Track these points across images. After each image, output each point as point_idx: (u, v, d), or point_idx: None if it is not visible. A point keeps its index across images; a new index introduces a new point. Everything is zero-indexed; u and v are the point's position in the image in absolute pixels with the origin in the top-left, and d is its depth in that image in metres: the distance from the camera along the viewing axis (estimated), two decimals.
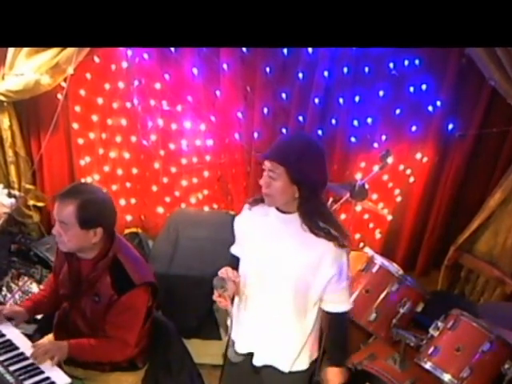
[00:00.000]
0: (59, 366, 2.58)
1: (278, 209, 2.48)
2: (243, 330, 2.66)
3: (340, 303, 2.58)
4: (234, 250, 2.77)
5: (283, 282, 2.47)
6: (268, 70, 4.14)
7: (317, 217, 2.40)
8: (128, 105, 4.41)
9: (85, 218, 2.54)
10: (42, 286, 3.13)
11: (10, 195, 4.33)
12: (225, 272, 2.51)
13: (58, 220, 2.59)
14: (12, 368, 2.50)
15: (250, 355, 2.70)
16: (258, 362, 2.68)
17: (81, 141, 4.51)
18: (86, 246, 2.64)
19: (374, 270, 3.44)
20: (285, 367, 2.64)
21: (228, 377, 2.74)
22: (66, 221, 2.55)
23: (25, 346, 2.65)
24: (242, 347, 2.71)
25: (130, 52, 4.22)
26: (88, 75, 4.30)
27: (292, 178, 2.33)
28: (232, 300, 2.51)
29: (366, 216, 4.55)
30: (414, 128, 4.25)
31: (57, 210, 2.57)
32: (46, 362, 2.53)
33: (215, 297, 2.44)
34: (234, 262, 2.67)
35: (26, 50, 3.92)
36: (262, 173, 2.41)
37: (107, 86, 4.34)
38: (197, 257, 3.90)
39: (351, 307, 2.65)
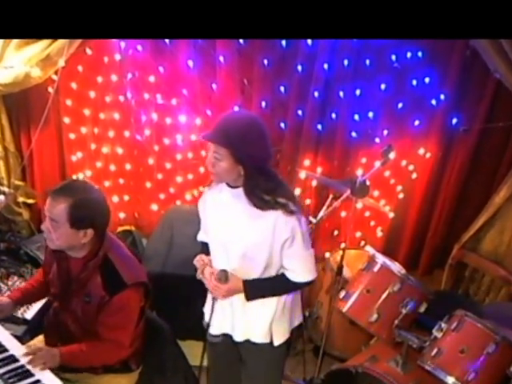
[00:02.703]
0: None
1: (228, 184, 2.64)
2: (218, 312, 2.78)
3: (299, 272, 2.69)
4: (200, 237, 2.96)
5: (245, 255, 2.62)
6: (266, 62, 4.13)
7: (260, 191, 2.54)
8: (121, 98, 4.40)
9: (76, 218, 2.54)
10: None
11: None
12: (200, 260, 2.76)
13: (48, 216, 2.58)
14: (1, 370, 2.50)
15: (226, 335, 2.86)
16: (238, 337, 2.83)
17: (72, 136, 4.50)
18: (75, 245, 2.63)
19: (376, 269, 3.43)
20: (260, 339, 2.78)
21: (209, 358, 3.01)
22: (57, 219, 2.54)
23: (14, 347, 2.65)
24: (215, 329, 2.86)
25: (123, 44, 4.21)
26: (80, 68, 4.28)
27: (236, 159, 2.47)
28: None
29: (367, 213, 4.55)
30: (416, 122, 4.24)
31: (48, 207, 2.56)
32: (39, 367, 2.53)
33: (214, 288, 2.66)
34: (205, 249, 2.86)
35: (15, 41, 3.90)
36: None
37: (100, 79, 4.33)
38: (192, 256, 3.87)
39: (312, 278, 2.74)
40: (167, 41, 4.18)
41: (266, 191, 2.53)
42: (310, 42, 4.03)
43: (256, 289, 2.67)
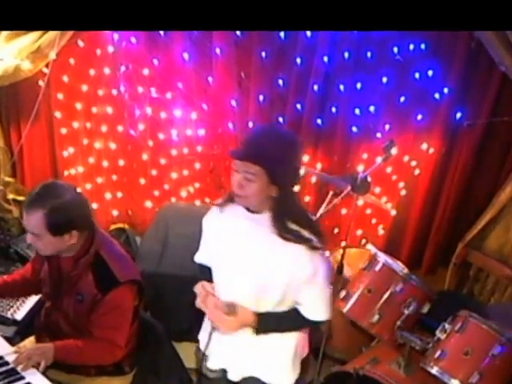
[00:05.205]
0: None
1: (247, 208, 2.46)
2: (215, 344, 2.62)
3: (315, 310, 2.55)
4: (200, 258, 2.78)
5: (258, 288, 2.45)
6: (264, 54, 4.12)
7: (289, 218, 2.38)
8: (114, 92, 4.39)
9: (55, 225, 2.53)
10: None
11: None
12: (202, 288, 2.56)
13: (28, 231, 2.58)
14: None
15: (225, 371, 2.68)
16: (234, 376, 2.66)
17: (64, 130, 4.48)
18: (64, 249, 2.64)
19: (377, 268, 3.43)
20: (272, 379, 2.63)
21: None
22: (37, 231, 2.54)
23: (4, 349, 2.65)
24: (214, 363, 2.70)
25: (116, 36, 4.19)
26: (71, 60, 4.27)
27: (272, 179, 2.29)
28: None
29: (369, 211, 4.55)
30: (419, 117, 4.24)
31: (25, 222, 2.57)
32: (29, 368, 2.52)
33: (220, 320, 2.47)
34: (206, 273, 2.67)
35: (5, 33, 3.89)
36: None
37: (92, 72, 4.32)
38: (188, 254, 3.84)
39: (326, 318, 2.59)
40: (162, 32, 4.16)
41: (294, 219, 2.38)
42: (309, 33, 4.02)
43: (267, 323, 2.48)
